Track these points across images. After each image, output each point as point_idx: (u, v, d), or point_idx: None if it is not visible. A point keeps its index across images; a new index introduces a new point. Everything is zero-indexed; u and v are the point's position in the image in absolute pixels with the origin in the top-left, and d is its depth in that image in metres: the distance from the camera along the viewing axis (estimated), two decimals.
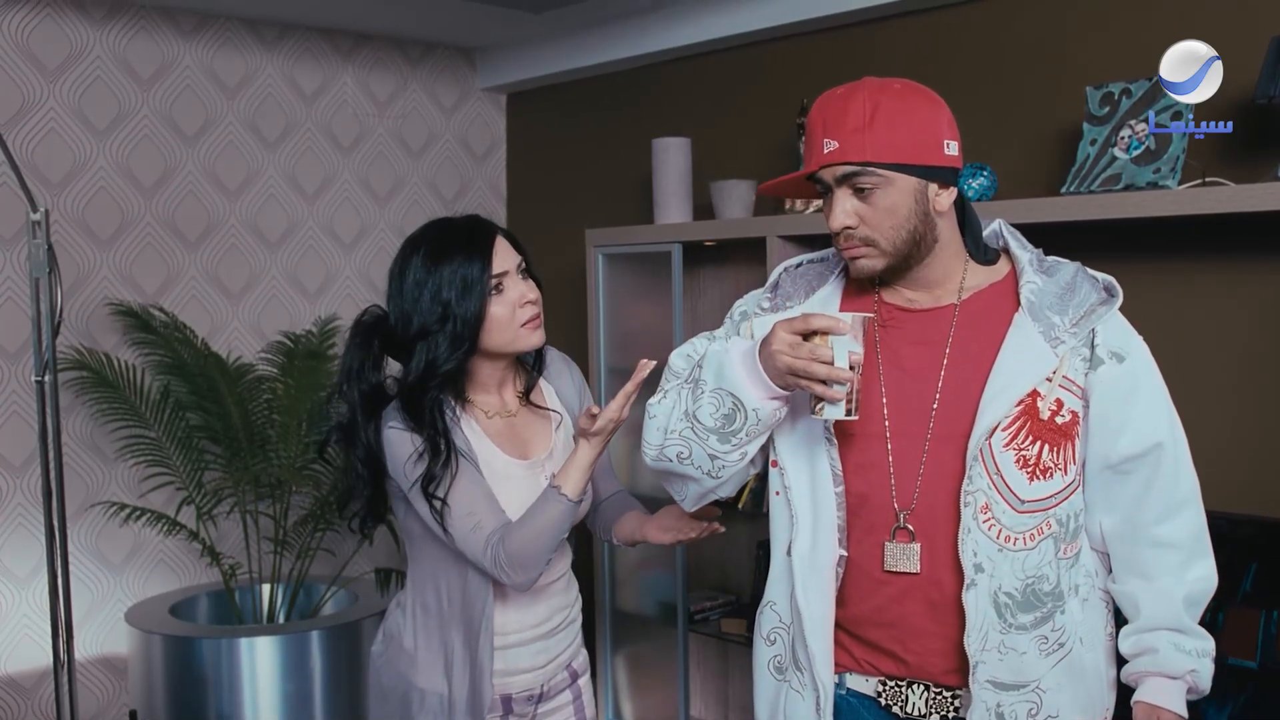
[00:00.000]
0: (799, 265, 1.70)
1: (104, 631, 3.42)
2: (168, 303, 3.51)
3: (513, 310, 1.82)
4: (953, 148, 1.51)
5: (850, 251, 1.53)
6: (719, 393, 1.51)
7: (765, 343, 1.47)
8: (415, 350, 1.81)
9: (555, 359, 2.03)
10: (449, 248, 1.80)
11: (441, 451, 1.78)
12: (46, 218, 2.50)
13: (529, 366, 1.99)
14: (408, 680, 1.89)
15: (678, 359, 1.66)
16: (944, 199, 1.51)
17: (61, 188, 3.32)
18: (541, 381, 1.99)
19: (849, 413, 1.44)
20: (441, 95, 4.11)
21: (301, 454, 3.33)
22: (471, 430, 1.86)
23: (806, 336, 1.44)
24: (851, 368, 1.42)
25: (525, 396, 1.96)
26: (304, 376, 3.42)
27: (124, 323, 3.37)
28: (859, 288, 1.63)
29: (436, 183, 4.12)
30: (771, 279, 1.69)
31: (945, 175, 1.50)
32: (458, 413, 1.86)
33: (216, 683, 3.00)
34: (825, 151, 1.48)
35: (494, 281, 1.80)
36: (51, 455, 2.55)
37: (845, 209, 1.49)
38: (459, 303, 1.78)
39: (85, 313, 3.36)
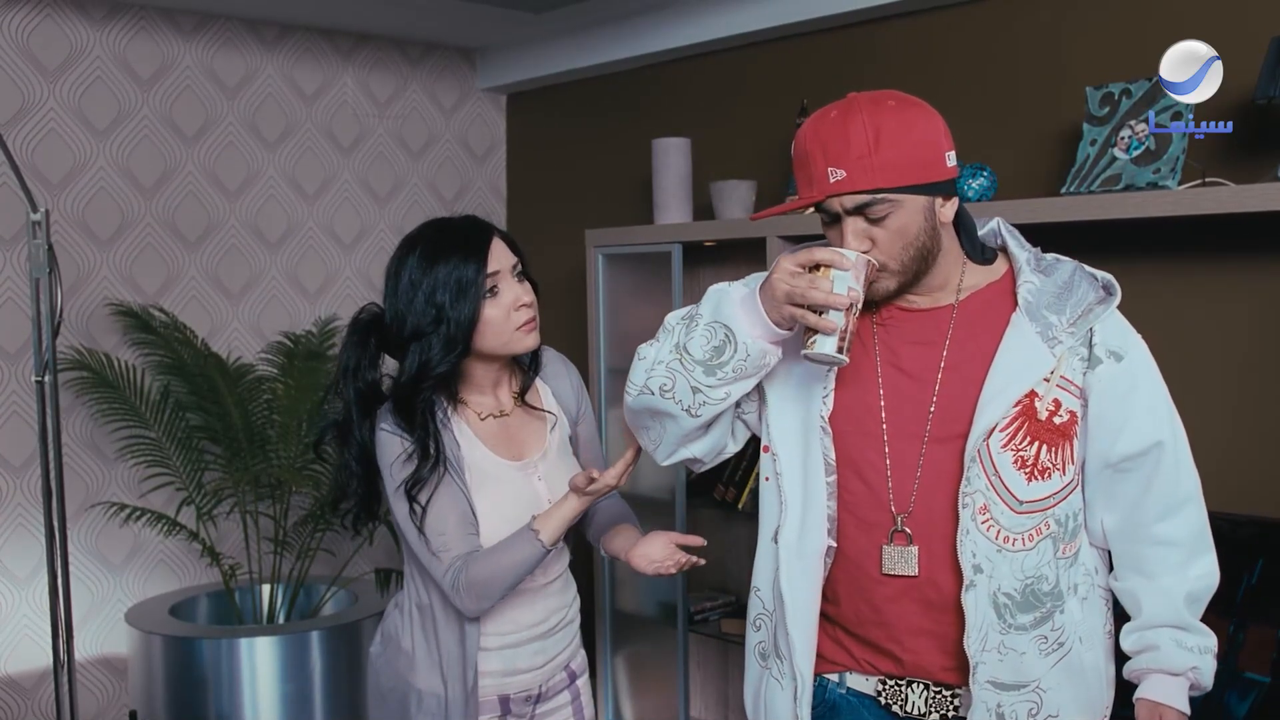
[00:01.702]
0: None
1: (104, 632, 3.42)
2: (168, 303, 3.51)
3: (507, 313, 1.81)
4: (952, 158, 1.50)
5: None
6: (713, 325, 1.51)
7: (766, 279, 1.48)
8: (409, 350, 1.80)
9: (553, 359, 2.02)
10: (445, 248, 1.79)
11: (431, 454, 1.77)
12: (46, 218, 2.50)
13: (525, 367, 1.98)
14: (406, 681, 1.89)
15: (673, 317, 1.65)
16: (948, 210, 1.51)
17: (61, 188, 3.32)
18: (538, 382, 1.98)
19: (840, 350, 1.43)
20: (441, 96, 4.11)
21: (301, 454, 3.33)
22: (462, 433, 1.85)
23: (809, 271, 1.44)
24: (849, 306, 1.42)
25: (521, 397, 1.95)
26: (304, 377, 3.42)
27: (124, 323, 3.37)
28: None
29: (436, 183, 4.12)
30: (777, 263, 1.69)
31: (948, 187, 1.50)
32: (449, 414, 1.85)
33: (216, 683, 2.99)
34: (832, 181, 1.45)
35: (489, 284, 1.79)
36: (51, 455, 2.55)
37: (858, 236, 1.48)
38: (453, 305, 1.76)
39: (85, 313, 3.37)
